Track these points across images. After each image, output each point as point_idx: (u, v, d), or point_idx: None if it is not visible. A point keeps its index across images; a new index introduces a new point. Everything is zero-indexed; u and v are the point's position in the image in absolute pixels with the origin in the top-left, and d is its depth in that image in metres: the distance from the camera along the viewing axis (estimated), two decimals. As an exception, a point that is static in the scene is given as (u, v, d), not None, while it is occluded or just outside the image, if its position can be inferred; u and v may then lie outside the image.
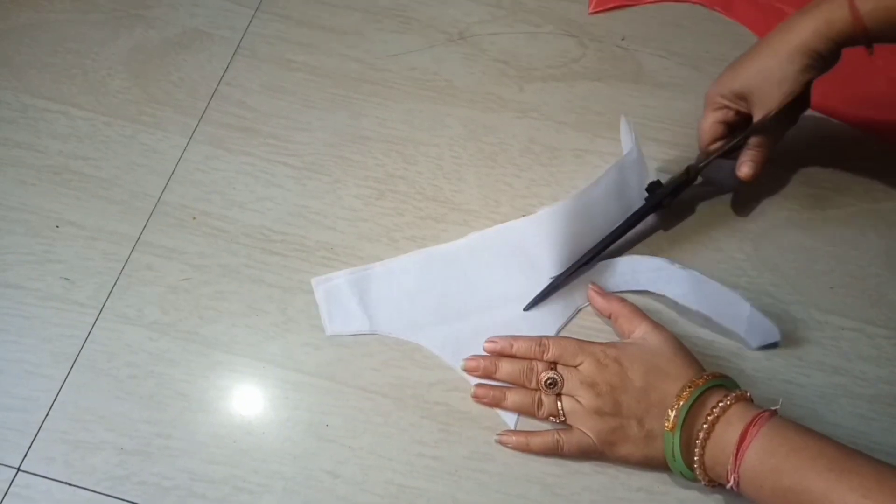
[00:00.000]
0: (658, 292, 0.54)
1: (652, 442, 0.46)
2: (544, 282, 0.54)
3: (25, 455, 0.48)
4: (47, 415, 0.49)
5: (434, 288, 0.55)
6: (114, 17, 0.65)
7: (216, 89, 0.62)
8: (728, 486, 0.43)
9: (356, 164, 0.59)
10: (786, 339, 0.54)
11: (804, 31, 0.49)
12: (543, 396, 0.49)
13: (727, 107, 0.54)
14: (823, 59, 0.50)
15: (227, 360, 0.52)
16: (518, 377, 0.50)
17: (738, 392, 0.46)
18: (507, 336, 0.52)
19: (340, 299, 0.54)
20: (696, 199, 0.59)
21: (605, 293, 0.54)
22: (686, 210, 0.59)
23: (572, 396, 0.49)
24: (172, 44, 0.64)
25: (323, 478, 0.48)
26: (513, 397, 0.50)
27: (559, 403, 0.49)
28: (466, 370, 0.51)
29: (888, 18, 0.46)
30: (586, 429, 0.48)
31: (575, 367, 0.49)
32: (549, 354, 0.50)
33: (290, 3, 0.67)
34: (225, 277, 0.54)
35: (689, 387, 0.46)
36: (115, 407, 0.50)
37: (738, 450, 0.43)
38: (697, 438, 0.44)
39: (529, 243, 0.55)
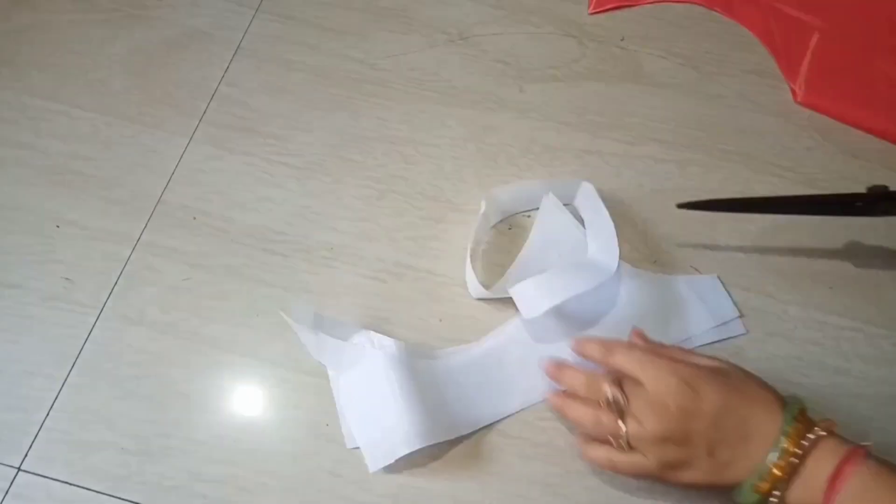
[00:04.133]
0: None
1: (723, 471, 0.42)
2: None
3: (25, 455, 0.48)
4: (47, 415, 0.49)
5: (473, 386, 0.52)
6: (114, 18, 0.65)
7: (216, 89, 0.62)
8: None
9: (356, 164, 0.59)
10: (786, 338, 0.54)
11: None
12: (604, 415, 0.44)
13: None
14: None
15: (228, 360, 0.52)
16: (581, 387, 0.46)
17: (825, 421, 0.41)
18: (582, 338, 0.48)
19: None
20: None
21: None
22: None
23: (636, 418, 0.43)
24: (172, 44, 0.64)
25: (323, 478, 0.48)
26: (575, 409, 0.46)
27: (621, 423, 0.43)
28: (546, 372, 0.49)
29: None
30: (648, 454, 0.43)
31: (642, 384, 0.43)
32: (614, 360, 0.45)
33: (290, 3, 0.67)
34: (225, 277, 0.54)
35: (788, 436, 0.40)
36: (116, 407, 0.50)
37: (829, 489, 0.39)
38: (779, 471, 0.40)
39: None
